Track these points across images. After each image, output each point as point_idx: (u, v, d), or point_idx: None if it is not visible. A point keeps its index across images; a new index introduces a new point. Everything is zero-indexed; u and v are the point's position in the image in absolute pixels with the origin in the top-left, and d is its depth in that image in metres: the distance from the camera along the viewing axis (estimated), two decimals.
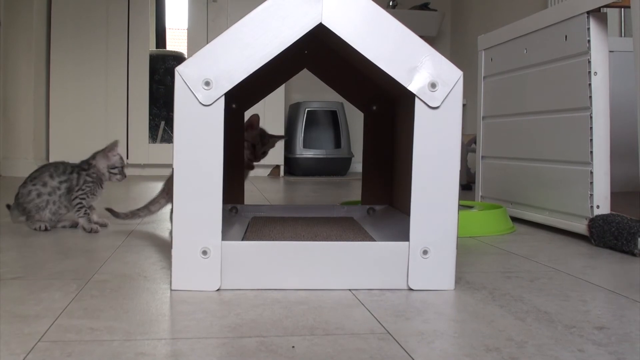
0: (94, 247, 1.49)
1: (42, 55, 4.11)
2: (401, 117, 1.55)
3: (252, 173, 2.02)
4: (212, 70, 1.08)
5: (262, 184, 3.61)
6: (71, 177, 1.78)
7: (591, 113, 1.67)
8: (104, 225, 1.83)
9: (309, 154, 4.54)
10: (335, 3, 1.09)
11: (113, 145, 1.82)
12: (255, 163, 1.92)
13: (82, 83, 4.19)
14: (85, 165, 1.82)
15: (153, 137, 4.49)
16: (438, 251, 1.12)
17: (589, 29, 1.67)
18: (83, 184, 1.78)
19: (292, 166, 4.61)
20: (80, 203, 1.75)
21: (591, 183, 1.67)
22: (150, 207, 1.85)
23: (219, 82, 1.08)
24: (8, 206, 1.82)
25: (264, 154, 1.92)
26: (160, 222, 1.94)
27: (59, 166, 1.82)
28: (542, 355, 0.79)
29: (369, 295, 1.08)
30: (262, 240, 1.23)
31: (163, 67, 4.53)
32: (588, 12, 1.67)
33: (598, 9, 1.66)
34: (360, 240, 1.20)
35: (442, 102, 1.11)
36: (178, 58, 4.60)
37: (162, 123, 4.61)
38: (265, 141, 1.92)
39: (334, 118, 4.65)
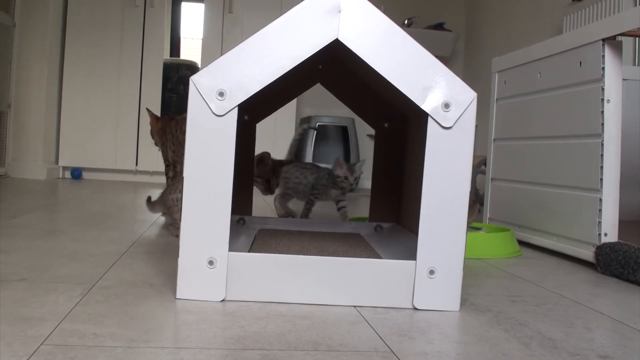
0: (99, 253, 1.49)
1: (56, 58, 4.14)
2: (412, 135, 1.55)
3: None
4: (226, 81, 1.08)
5: (270, 197, 3.60)
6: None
7: (602, 140, 1.66)
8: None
9: None
10: (352, 19, 1.10)
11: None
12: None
13: (95, 88, 4.22)
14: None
15: None
16: (444, 272, 1.12)
17: (603, 56, 1.67)
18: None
19: None
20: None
21: (600, 210, 1.66)
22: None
23: (232, 93, 1.08)
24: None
25: (278, 184, 2.04)
26: (166, 230, 1.94)
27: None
28: None
29: (373, 312, 1.08)
30: (269, 252, 1.23)
31: (176, 76, 4.55)
32: (603, 40, 1.67)
33: (613, 37, 1.66)
34: (367, 257, 1.19)
35: (454, 123, 1.11)
36: (191, 67, 4.63)
37: None
38: (279, 174, 2.00)
39: (344, 133, 4.65)
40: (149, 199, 1.93)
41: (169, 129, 2.38)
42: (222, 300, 1.09)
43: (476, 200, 3.32)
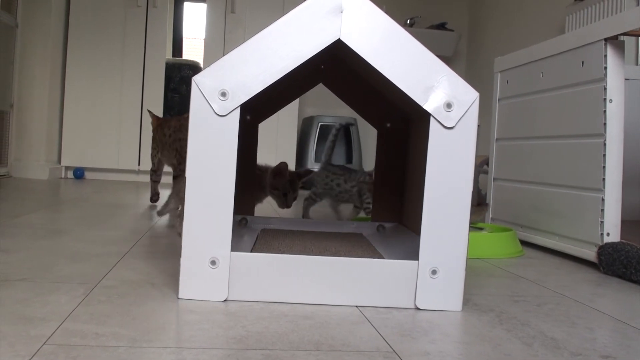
0: (102, 252, 1.49)
1: (58, 58, 4.15)
2: (415, 135, 1.55)
3: None
4: (229, 81, 1.08)
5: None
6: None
7: (605, 140, 1.66)
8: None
9: None
10: (354, 19, 1.10)
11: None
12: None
13: (97, 88, 4.22)
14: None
15: None
16: (447, 272, 1.12)
17: (606, 56, 1.67)
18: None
19: None
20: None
21: (602, 210, 1.66)
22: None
23: (235, 93, 1.08)
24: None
25: (295, 198, 2.02)
26: (169, 229, 1.95)
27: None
28: None
29: (375, 312, 1.08)
30: (271, 252, 1.23)
31: (178, 76, 4.55)
32: (605, 39, 1.67)
33: (616, 37, 1.66)
34: (369, 257, 1.19)
35: (457, 123, 1.11)
36: (194, 67, 4.63)
37: None
38: (296, 187, 1.98)
39: (346, 133, 4.65)
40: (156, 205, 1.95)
41: (160, 129, 2.42)
42: (225, 300, 1.10)
43: (481, 202, 3.33)
